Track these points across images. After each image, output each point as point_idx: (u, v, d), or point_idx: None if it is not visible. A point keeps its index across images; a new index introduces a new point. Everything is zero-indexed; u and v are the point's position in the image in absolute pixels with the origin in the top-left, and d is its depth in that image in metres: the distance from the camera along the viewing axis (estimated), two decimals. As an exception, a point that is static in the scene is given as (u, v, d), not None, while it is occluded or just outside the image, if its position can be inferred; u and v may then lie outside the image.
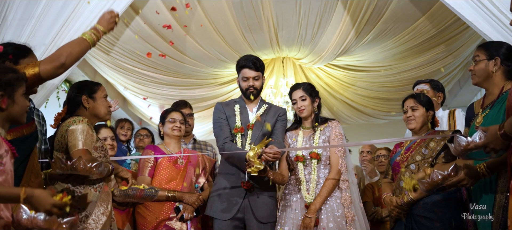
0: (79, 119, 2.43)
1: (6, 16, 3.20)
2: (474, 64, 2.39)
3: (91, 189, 2.46)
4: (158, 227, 3.11)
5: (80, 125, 2.39)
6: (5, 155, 1.72)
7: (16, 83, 1.82)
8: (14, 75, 1.83)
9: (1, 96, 1.77)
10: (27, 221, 1.74)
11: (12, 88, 1.81)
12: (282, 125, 3.15)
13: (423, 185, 2.23)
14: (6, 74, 1.80)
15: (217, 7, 4.57)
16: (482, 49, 2.39)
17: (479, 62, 2.36)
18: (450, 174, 2.15)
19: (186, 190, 3.21)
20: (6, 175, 1.72)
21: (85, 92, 2.57)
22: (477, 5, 3.05)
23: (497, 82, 2.33)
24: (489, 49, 2.36)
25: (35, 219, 1.73)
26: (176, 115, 3.39)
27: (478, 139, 1.97)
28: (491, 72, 2.33)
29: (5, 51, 2.23)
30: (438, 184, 2.18)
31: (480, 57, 2.36)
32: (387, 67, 5.76)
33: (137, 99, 6.53)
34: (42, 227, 1.75)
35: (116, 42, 4.95)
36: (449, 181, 2.16)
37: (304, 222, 2.85)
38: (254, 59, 3.11)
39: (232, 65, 5.29)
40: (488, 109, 2.32)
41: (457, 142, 2.03)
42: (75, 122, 2.40)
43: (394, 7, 4.48)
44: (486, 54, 2.35)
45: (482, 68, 2.35)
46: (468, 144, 1.99)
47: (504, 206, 2.09)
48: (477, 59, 2.37)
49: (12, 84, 1.81)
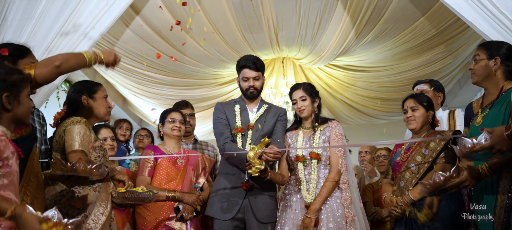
0: (77, 119, 2.42)
1: (6, 16, 3.20)
2: (474, 63, 2.38)
3: (91, 189, 2.46)
4: (157, 227, 3.11)
5: (77, 126, 2.38)
6: (11, 157, 1.71)
7: (21, 84, 1.83)
8: (20, 76, 1.84)
9: (6, 97, 1.78)
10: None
11: (17, 89, 1.81)
12: (282, 125, 3.15)
13: (425, 187, 2.22)
14: (12, 75, 1.81)
15: (217, 7, 4.57)
16: (482, 48, 2.38)
17: (479, 61, 2.35)
18: (452, 175, 2.14)
19: (185, 190, 3.21)
20: (13, 176, 1.72)
21: (85, 92, 2.57)
22: (477, 6, 3.05)
23: (496, 81, 2.32)
24: (490, 49, 2.35)
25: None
26: (175, 115, 3.39)
27: (484, 140, 1.94)
28: (491, 72, 2.31)
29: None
30: (440, 186, 2.17)
31: (480, 56, 2.35)
32: (387, 67, 5.76)
33: (137, 99, 6.54)
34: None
35: (116, 42, 4.95)
36: (451, 183, 2.15)
37: (304, 222, 2.85)
38: (255, 59, 3.11)
39: (232, 65, 5.30)
40: (487, 109, 2.31)
41: (462, 144, 2.01)
42: (72, 122, 2.39)
43: (394, 7, 4.48)
44: (487, 53, 2.34)
45: (482, 67, 2.34)
46: (474, 146, 1.96)
47: (506, 207, 2.09)
48: (477, 58, 2.36)
49: (17, 85, 1.81)
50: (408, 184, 2.82)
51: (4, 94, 1.77)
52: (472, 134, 2.33)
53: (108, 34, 4.70)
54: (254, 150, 2.74)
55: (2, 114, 1.78)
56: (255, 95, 3.14)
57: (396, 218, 2.85)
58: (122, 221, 3.38)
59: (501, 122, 2.16)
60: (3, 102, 1.77)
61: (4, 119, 1.80)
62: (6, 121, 1.81)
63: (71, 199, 2.40)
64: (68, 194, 2.40)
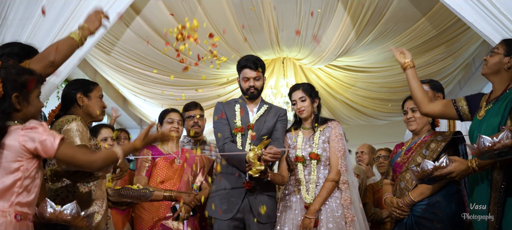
0: (72, 117, 2.41)
1: (7, 15, 3.19)
2: (490, 55, 2.36)
3: (86, 187, 2.46)
4: (154, 227, 3.12)
5: (73, 124, 2.38)
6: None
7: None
8: (30, 76, 1.85)
9: (16, 97, 1.79)
10: (52, 215, 1.81)
11: (27, 90, 1.83)
12: (282, 125, 3.14)
13: (414, 174, 2.23)
14: (23, 75, 1.82)
15: (218, 7, 4.57)
16: (503, 43, 2.36)
17: (495, 55, 2.33)
18: (441, 166, 2.15)
19: (182, 190, 3.22)
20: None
21: (81, 90, 2.56)
22: (478, 6, 3.04)
23: (505, 78, 2.30)
24: (510, 46, 2.32)
25: (61, 213, 1.81)
26: (174, 116, 3.40)
27: (506, 138, 1.89)
28: (502, 68, 2.29)
29: (10, 51, 2.23)
30: (429, 174, 2.18)
31: (499, 50, 2.32)
32: (388, 68, 5.76)
33: (137, 99, 6.54)
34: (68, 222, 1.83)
35: (117, 42, 4.95)
36: (439, 172, 2.16)
37: (304, 223, 2.84)
38: (255, 59, 3.11)
39: (232, 65, 5.29)
40: (491, 104, 2.29)
41: (481, 142, 1.95)
42: (68, 121, 2.38)
43: (394, 8, 4.48)
44: (505, 49, 2.31)
45: (495, 61, 2.31)
46: (494, 144, 1.91)
47: (499, 202, 2.10)
48: (495, 51, 2.34)
49: (27, 86, 1.83)
50: (409, 185, 2.82)
51: (14, 94, 1.79)
52: (473, 127, 2.33)
53: (109, 33, 4.71)
54: (254, 150, 2.74)
55: (13, 113, 1.81)
56: (255, 95, 3.14)
57: (396, 219, 2.85)
58: (122, 221, 3.39)
59: (500, 119, 2.16)
60: (13, 102, 1.79)
61: (15, 119, 1.83)
62: (18, 120, 1.84)
63: (66, 199, 2.40)
64: (63, 194, 2.40)
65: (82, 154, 1.89)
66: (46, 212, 1.79)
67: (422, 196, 2.72)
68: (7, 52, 2.21)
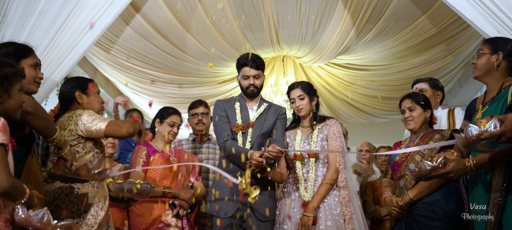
0: (78, 112, 2.45)
1: (6, 14, 3.19)
2: (477, 58, 2.35)
3: (89, 185, 2.47)
4: (154, 224, 3.12)
5: (85, 114, 2.45)
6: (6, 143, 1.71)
7: (13, 77, 1.81)
8: (12, 69, 1.81)
9: None
10: (22, 219, 1.71)
11: (9, 83, 1.79)
12: (282, 123, 3.15)
13: (411, 173, 2.23)
14: (4, 68, 1.79)
15: (218, 5, 4.57)
16: (487, 43, 2.36)
17: (482, 56, 2.33)
18: (438, 166, 2.14)
19: (179, 187, 3.24)
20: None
21: (78, 88, 2.57)
22: (478, 4, 3.04)
23: (497, 77, 2.29)
24: (494, 44, 2.32)
25: (30, 217, 1.71)
26: (177, 119, 3.38)
27: (493, 127, 1.85)
28: (492, 67, 2.28)
29: (6, 51, 2.22)
30: (426, 174, 2.18)
31: (484, 50, 2.33)
32: (388, 66, 5.76)
33: (137, 97, 6.54)
34: (36, 227, 1.71)
35: (116, 40, 4.95)
36: (436, 172, 2.15)
37: (302, 221, 2.85)
38: (255, 57, 3.11)
39: (232, 63, 5.29)
40: (487, 105, 2.28)
41: (468, 131, 1.90)
42: (75, 114, 2.41)
43: (394, 6, 4.48)
44: (491, 48, 2.31)
45: (484, 62, 2.31)
46: (482, 133, 1.86)
47: (499, 204, 2.09)
48: (481, 52, 2.34)
49: (9, 79, 1.79)
50: (408, 184, 2.82)
51: None
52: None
53: (108, 31, 4.71)
54: (242, 183, 2.63)
55: None
56: (255, 93, 3.14)
57: (396, 218, 2.85)
58: (122, 218, 3.38)
59: None
60: None
61: None
62: None
63: (70, 195, 2.41)
64: (67, 190, 2.41)
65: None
66: (16, 216, 1.71)
67: (421, 194, 2.72)
68: (2, 52, 2.20)
